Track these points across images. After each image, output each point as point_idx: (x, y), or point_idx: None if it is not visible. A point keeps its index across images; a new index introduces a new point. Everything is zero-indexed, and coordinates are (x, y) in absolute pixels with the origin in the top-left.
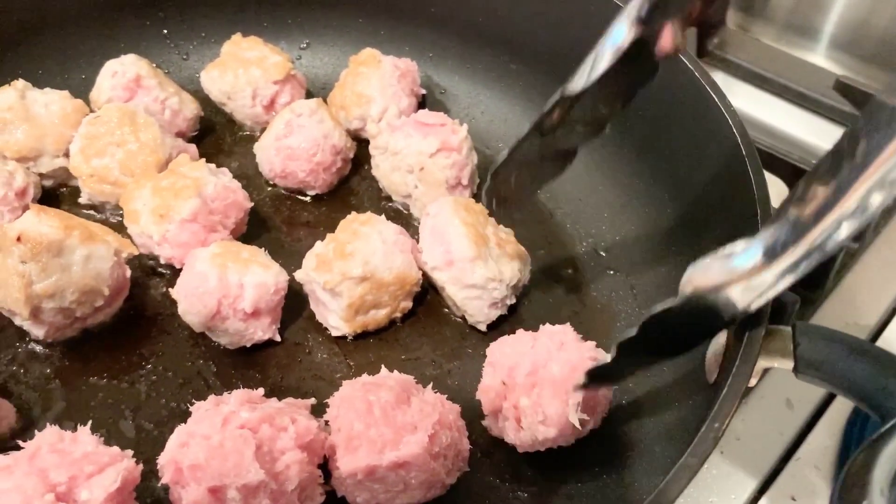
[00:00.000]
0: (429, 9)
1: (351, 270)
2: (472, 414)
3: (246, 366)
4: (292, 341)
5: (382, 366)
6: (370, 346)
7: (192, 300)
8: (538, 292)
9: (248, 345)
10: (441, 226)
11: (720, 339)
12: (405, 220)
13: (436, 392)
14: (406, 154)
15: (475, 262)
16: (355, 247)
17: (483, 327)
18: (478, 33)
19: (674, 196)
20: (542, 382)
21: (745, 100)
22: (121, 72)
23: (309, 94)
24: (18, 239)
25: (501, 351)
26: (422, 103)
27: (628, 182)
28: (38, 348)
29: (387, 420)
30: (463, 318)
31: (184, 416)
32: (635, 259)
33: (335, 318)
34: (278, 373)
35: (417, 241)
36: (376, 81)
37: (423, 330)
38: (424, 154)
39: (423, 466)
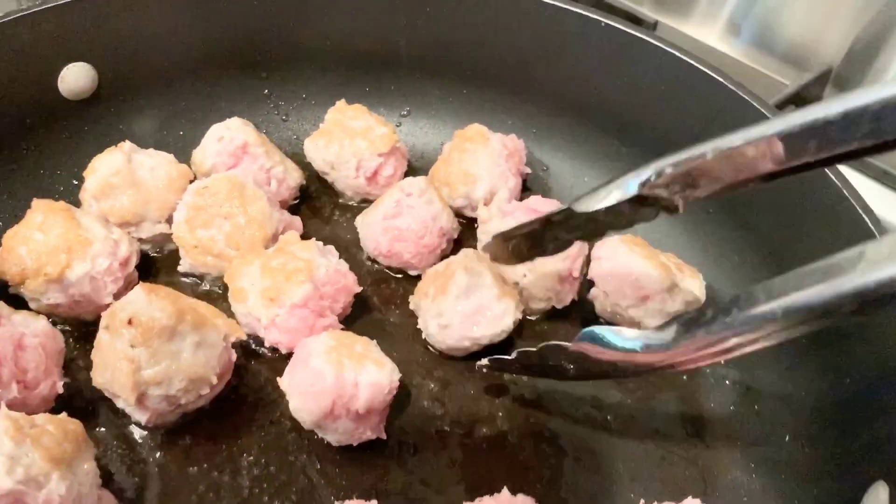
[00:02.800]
0: (537, 85)
1: None
2: None
3: (350, 464)
4: (396, 438)
5: (505, 488)
6: (480, 455)
7: (305, 398)
8: (650, 398)
9: (355, 444)
10: (623, 265)
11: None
12: None
13: None
14: None
15: (672, 291)
16: None
17: None
18: (587, 113)
19: None
20: None
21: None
22: (227, 137)
23: (409, 164)
24: (129, 322)
25: None
26: (525, 181)
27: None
28: (138, 432)
29: None
30: (575, 421)
31: None
32: (758, 369)
33: None
34: (385, 474)
35: None
36: (484, 160)
37: (535, 437)
38: None
39: None
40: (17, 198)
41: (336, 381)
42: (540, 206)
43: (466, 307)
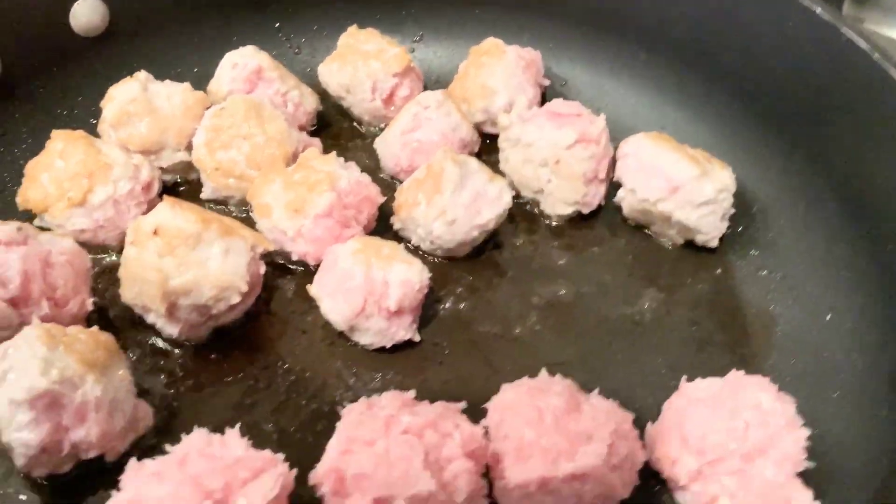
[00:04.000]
0: None
1: None
2: None
3: (385, 367)
4: (430, 342)
5: (543, 370)
6: (513, 351)
7: (336, 298)
8: (683, 294)
9: (389, 345)
10: (650, 159)
11: None
12: (531, 219)
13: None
14: (540, 146)
15: (701, 180)
16: None
17: (715, 242)
18: (603, 21)
19: (835, 188)
20: (748, 480)
21: None
22: (241, 64)
23: (425, 88)
24: (155, 232)
25: (687, 412)
26: (543, 96)
27: (781, 175)
28: (170, 347)
29: (559, 428)
30: (606, 320)
31: (327, 417)
32: (794, 258)
33: None
34: (420, 374)
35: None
36: (501, 72)
37: (568, 334)
38: (560, 146)
39: (600, 479)
40: (37, 136)
41: (366, 279)
42: (561, 109)
43: (465, 197)
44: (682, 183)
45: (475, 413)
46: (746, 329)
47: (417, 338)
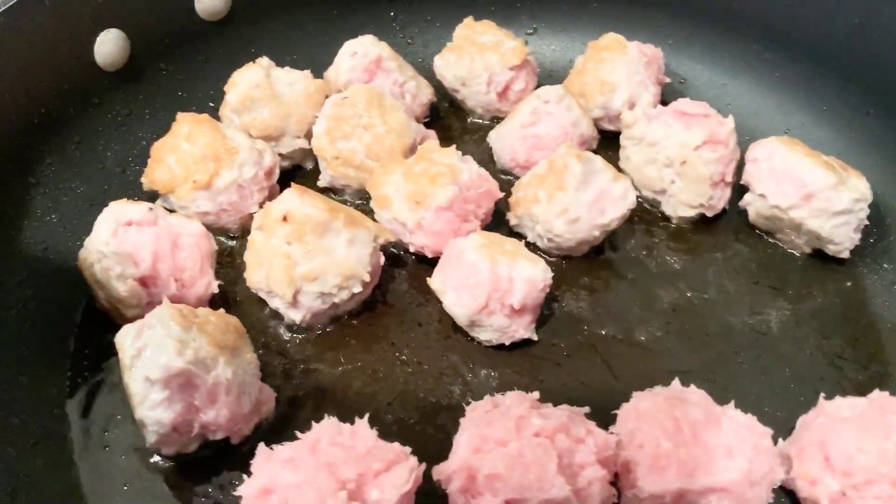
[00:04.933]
0: None
1: None
2: None
3: (502, 364)
4: (548, 342)
5: (677, 379)
6: (634, 357)
7: (460, 292)
8: (812, 305)
9: (507, 343)
10: (783, 164)
11: None
12: (650, 219)
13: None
14: (665, 146)
15: (838, 188)
16: None
17: (847, 254)
18: (727, 18)
19: None
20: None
21: None
22: (361, 52)
23: (538, 82)
24: (284, 219)
25: (831, 431)
26: (662, 94)
27: None
28: (291, 335)
29: (698, 441)
30: (731, 329)
31: (444, 411)
32: None
33: None
34: (537, 374)
35: None
36: (622, 68)
37: (690, 341)
38: (688, 146)
39: (738, 495)
40: (159, 117)
41: (491, 275)
42: (688, 108)
43: (589, 196)
44: (817, 191)
45: (597, 418)
46: (881, 345)
47: (535, 337)
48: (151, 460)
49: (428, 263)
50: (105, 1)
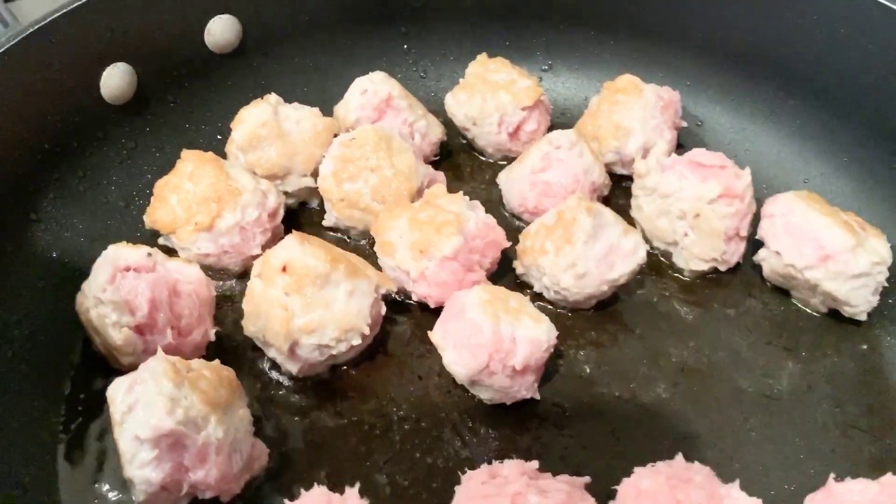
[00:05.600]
0: (691, 33)
1: None
2: None
3: (503, 423)
4: (551, 401)
5: (680, 455)
6: (639, 420)
7: (461, 351)
8: (826, 369)
9: (508, 402)
10: (800, 222)
11: None
12: (661, 272)
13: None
14: (679, 198)
15: (856, 251)
16: None
17: (864, 316)
18: (749, 61)
19: None
20: None
21: None
22: (371, 90)
23: (551, 122)
24: (284, 269)
25: None
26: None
27: None
28: (287, 383)
29: None
30: (741, 392)
31: (441, 475)
32: None
33: None
34: (538, 435)
35: None
36: (638, 112)
37: (698, 405)
38: (703, 199)
39: None
40: (165, 151)
41: (493, 335)
42: (704, 160)
43: (598, 250)
44: (835, 252)
45: (598, 489)
46: None
47: (538, 397)
48: None
49: (431, 312)
50: (113, 35)
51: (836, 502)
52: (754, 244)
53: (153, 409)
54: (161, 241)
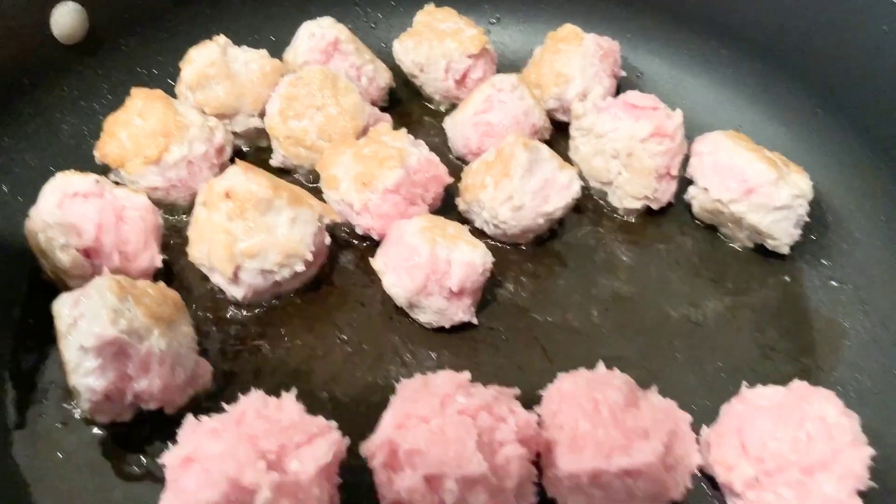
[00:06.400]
0: None
1: None
2: None
3: (441, 346)
4: (487, 326)
5: (601, 362)
6: (571, 342)
7: (399, 273)
8: (749, 298)
9: (447, 325)
10: (726, 158)
11: None
12: (597, 210)
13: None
14: (613, 138)
15: (778, 184)
16: None
17: (787, 249)
18: (685, 14)
19: None
20: (806, 493)
21: None
22: (319, 34)
23: (498, 72)
24: (227, 195)
25: (748, 418)
26: (618, 87)
27: (860, 184)
28: (233, 311)
29: (616, 422)
30: (667, 319)
31: (381, 390)
32: (868, 271)
33: None
34: (475, 356)
35: None
36: (577, 60)
37: (627, 329)
38: (635, 138)
39: (654, 477)
40: (117, 93)
41: (430, 257)
42: (637, 101)
43: (534, 184)
44: (758, 185)
45: (529, 401)
46: (813, 339)
47: (475, 321)
48: (86, 430)
49: (375, 246)
50: None
51: (747, 406)
52: (687, 185)
53: (97, 320)
54: (111, 177)
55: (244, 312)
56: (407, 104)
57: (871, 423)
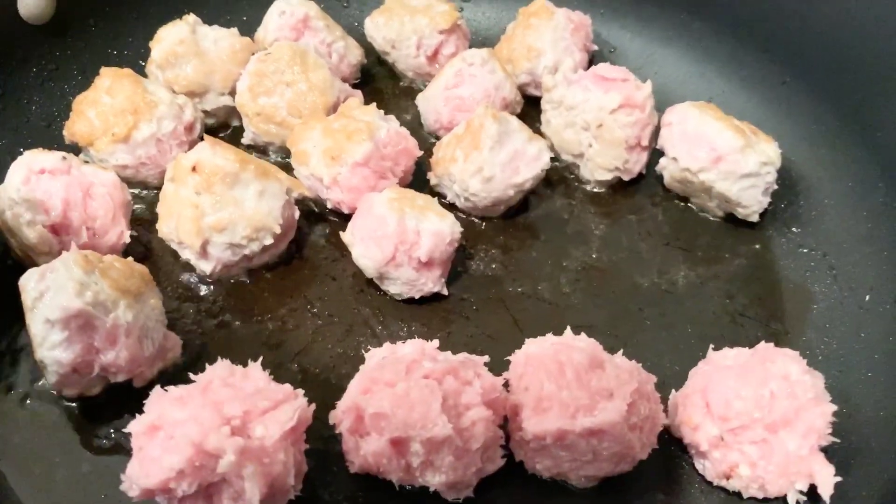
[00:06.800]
0: None
1: None
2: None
3: (412, 318)
4: (458, 297)
5: (568, 328)
6: (541, 312)
7: (368, 244)
8: (720, 266)
9: (417, 296)
10: (694, 128)
11: None
12: (569, 183)
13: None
14: (583, 109)
15: (745, 151)
16: None
17: (756, 217)
18: None
19: (884, 168)
20: (770, 450)
21: None
22: (289, 11)
23: (470, 48)
24: (193, 169)
25: (713, 378)
26: (590, 61)
27: (828, 152)
28: (203, 286)
29: (580, 383)
30: (638, 287)
31: (350, 361)
32: (837, 238)
33: None
34: (445, 327)
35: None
36: (548, 34)
37: (597, 298)
38: (604, 110)
39: (618, 437)
40: (86, 74)
41: (398, 227)
42: (607, 73)
43: (503, 156)
44: (726, 153)
45: (498, 368)
46: (782, 305)
47: (445, 292)
48: (55, 404)
49: (346, 220)
50: None
51: (713, 367)
52: (658, 157)
53: (63, 293)
54: (81, 157)
55: (214, 288)
56: (379, 81)
57: (837, 384)
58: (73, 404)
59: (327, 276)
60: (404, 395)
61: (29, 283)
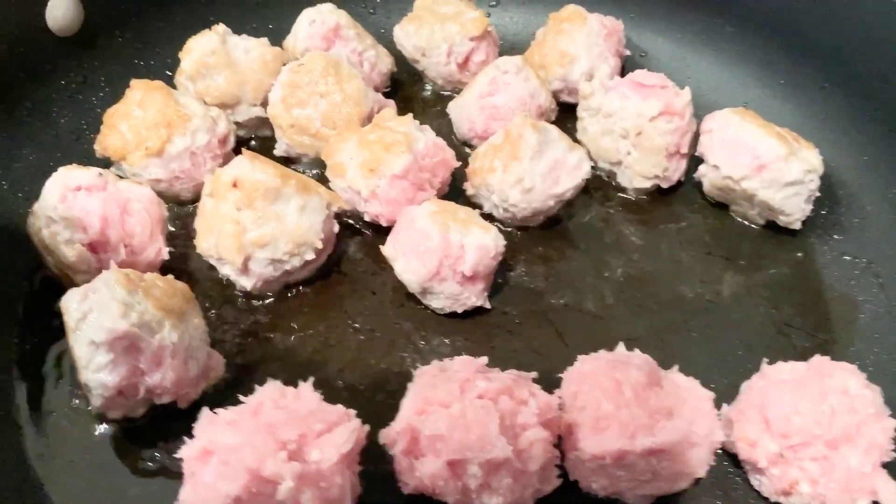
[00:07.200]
0: None
1: None
2: None
3: (454, 332)
4: (500, 310)
5: (621, 344)
6: (585, 325)
7: (411, 259)
8: (763, 275)
9: (460, 310)
10: (735, 135)
11: None
12: (606, 191)
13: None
14: (621, 117)
15: (789, 159)
16: None
17: (798, 225)
18: None
19: None
20: (831, 467)
21: None
22: (319, 20)
23: (500, 55)
24: (234, 185)
25: (770, 394)
26: (623, 67)
27: (869, 159)
28: (243, 301)
29: (639, 402)
30: (681, 298)
31: (397, 378)
32: (881, 245)
33: None
34: (489, 341)
35: None
36: (581, 39)
37: (641, 310)
38: (644, 117)
39: (678, 456)
40: (114, 86)
41: (442, 241)
42: (645, 80)
43: (544, 166)
44: (769, 161)
45: (547, 384)
46: (828, 314)
47: (488, 305)
48: (98, 426)
49: (384, 233)
50: None
51: (769, 382)
52: (696, 164)
53: (107, 314)
54: (112, 170)
55: (254, 303)
56: (408, 89)
57: (890, 396)
58: (117, 427)
59: (367, 290)
60: (460, 416)
61: (71, 303)
